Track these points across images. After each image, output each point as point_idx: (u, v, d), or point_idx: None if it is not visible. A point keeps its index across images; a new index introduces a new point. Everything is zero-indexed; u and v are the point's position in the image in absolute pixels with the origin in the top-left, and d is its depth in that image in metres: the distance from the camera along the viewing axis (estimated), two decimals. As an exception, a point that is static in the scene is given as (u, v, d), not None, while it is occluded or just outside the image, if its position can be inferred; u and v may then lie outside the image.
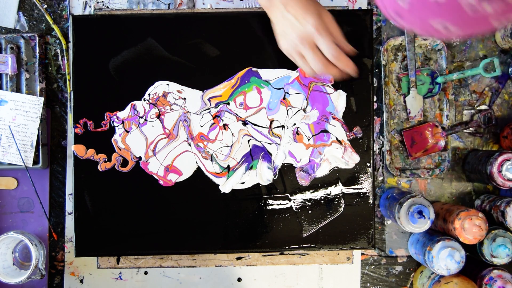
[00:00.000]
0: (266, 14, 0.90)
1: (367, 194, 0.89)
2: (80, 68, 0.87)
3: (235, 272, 0.94)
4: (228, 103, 0.88)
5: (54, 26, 0.93)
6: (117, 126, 0.87)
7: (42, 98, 0.90)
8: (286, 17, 0.68)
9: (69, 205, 0.93)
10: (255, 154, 0.88)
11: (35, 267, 0.86)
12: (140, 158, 0.88)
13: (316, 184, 0.88)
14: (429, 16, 0.40)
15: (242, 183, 0.88)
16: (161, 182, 0.87)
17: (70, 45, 0.89)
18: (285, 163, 0.88)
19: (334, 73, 0.74)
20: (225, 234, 0.88)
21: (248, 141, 0.88)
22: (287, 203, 0.88)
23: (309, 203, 0.88)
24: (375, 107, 0.93)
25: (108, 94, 0.88)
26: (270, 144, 0.88)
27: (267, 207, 0.88)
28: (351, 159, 0.89)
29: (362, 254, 0.95)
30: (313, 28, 0.69)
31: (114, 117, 0.87)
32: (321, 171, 0.88)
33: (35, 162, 0.90)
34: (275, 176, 0.88)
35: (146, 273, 0.93)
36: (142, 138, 0.88)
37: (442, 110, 0.94)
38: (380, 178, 0.95)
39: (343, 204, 0.89)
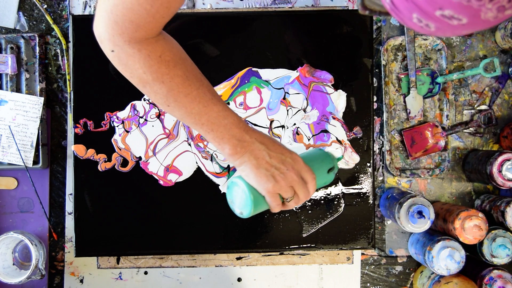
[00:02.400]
0: (266, 14, 0.90)
1: (367, 194, 0.89)
2: (80, 68, 0.87)
3: (235, 272, 0.94)
4: (228, 103, 0.88)
5: (54, 26, 0.93)
6: (117, 126, 0.87)
7: (42, 98, 0.90)
8: (271, 155, 0.63)
9: (69, 205, 0.93)
10: (255, 154, 0.88)
11: (35, 267, 0.86)
12: (140, 158, 0.88)
13: (316, 184, 0.88)
14: (458, 32, 0.42)
15: (242, 183, 0.88)
16: (161, 182, 0.87)
17: (70, 45, 0.89)
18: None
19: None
20: (225, 234, 0.88)
21: (248, 141, 0.88)
22: (287, 203, 0.88)
23: (309, 203, 0.88)
24: (375, 107, 0.93)
25: (108, 94, 0.88)
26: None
27: (267, 207, 0.88)
28: (351, 159, 0.89)
29: (362, 254, 0.95)
30: (301, 161, 0.66)
31: (114, 117, 0.87)
32: (321, 171, 0.88)
33: (35, 162, 0.90)
34: (275, 176, 0.88)
35: (146, 273, 0.93)
36: (142, 138, 0.88)
37: (442, 110, 0.94)
38: (380, 178, 0.95)
39: (343, 204, 0.89)
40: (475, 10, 0.38)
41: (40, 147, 0.90)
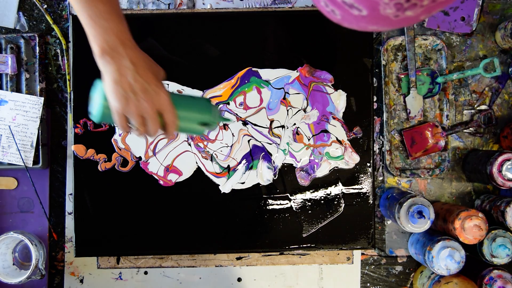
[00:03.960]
0: (266, 14, 0.90)
1: (367, 194, 0.89)
2: (80, 68, 0.87)
3: (235, 272, 0.94)
4: (228, 103, 0.88)
5: (54, 26, 0.93)
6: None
7: (42, 98, 0.90)
8: (136, 79, 0.62)
9: (69, 205, 0.93)
10: (255, 154, 0.88)
11: (35, 267, 0.86)
12: (140, 158, 0.88)
13: (316, 184, 0.88)
14: (362, 24, 0.43)
15: (242, 183, 0.88)
16: (161, 182, 0.87)
17: (70, 45, 0.89)
18: (285, 163, 0.88)
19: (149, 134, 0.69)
20: (225, 234, 0.88)
21: (248, 141, 0.88)
22: (287, 203, 0.88)
23: (309, 203, 0.89)
24: (375, 107, 0.93)
25: (108, 94, 0.87)
26: (270, 144, 0.88)
27: (267, 207, 0.88)
28: (351, 159, 0.89)
29: (362, 254, 0.95)
30: (166, 99, 0.65)
31: (114, 117, 0.87)
32: (321, 171, 0.88)
33: (35, 162, 0.90)
34: (275, 176, 0.88)
35: (146, 273, 0.93)
36: (142, 138, 0.88)
37: (442, 110, 0.94)
38: (380, 178, 0.95)
39: (343, 204, 0.89)
40: (374, 2, 0.38)
41: (40, 147, 0.90)
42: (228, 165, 0.88)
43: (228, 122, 0.78)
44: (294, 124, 0.88)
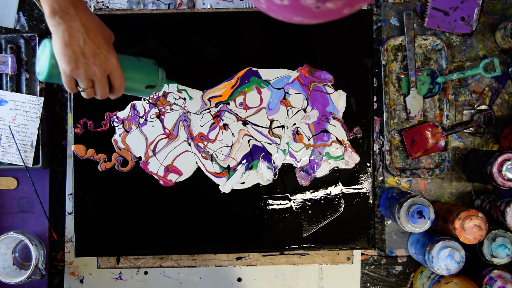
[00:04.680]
0: (266, 14, 0.89)
1: (367, 194, 0.89)
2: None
3: (235, 272, 0.94)
4: (228, 103, 0.88)
5: (54, 26, 0.93)
6: (117, 126, 0.87)
7: (42, 98, 0.90)
8: (86, 42, 0.63)
9: (69, 205, 0.93)
10: (255, 154, 0.88)
11: (35, 267, 0.86)
12: (140, 158, 0.88)
13: (316, 184, 0.88)
14: (287, 14, 0.43)
15: (242, 183, 0.88)
16: (161, 182, 0.87)
17: (70, 45, 0.88)
18: (285, 163, 0.88)
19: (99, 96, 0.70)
20: (225, 234, 0.88)
21: (248, 141, 0.88)
22: (287, 203, 0.88)
23: (309, 203, 0.89)
24: (375, 107, 0.93)
25: (108, 94, 0.87)
26: (270, 144, 0.88)
27: (267, 207, 0.88)
28: (351, 159, 0.89)
29: (362, 254, 0.95)
30: (115, 64, 0.67)
31: (114, 117, 0.87)
32: (321, 171, 0.88)
33: (35, 162, 0.90)
34: (275, 176, 0.88)
35: (146, 273, 0.93)
36: (142, 138, 0.88)
37: (442, 110, 0.94)
38: (380, 178, 0.95)
39: (343, 204, 0.89)
40: None
41: (40, 147, 0.90)
42: (228, 165, 0.88)
43: (173, 83, 0.82)
44: (294, 124, 0.88)
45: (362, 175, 0.89)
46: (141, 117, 0.88)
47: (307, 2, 0.39)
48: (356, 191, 0.89)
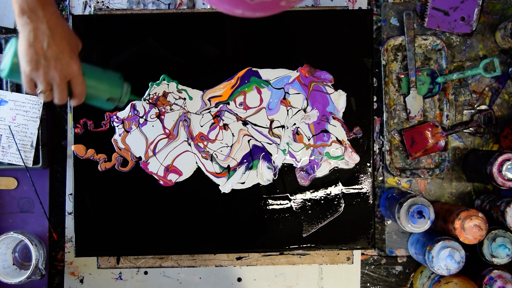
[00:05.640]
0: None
1: (367, 194, 0.89)
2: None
3: (235, 272, 0.94)
4: (228, 103, 0.88)
5: (54, 26, 0.93)
6: (117, 126, 0.87)
7: (42, 98, 0.90)
8: (50, 45, 0.63)
9: (69, 205, 0.93)
10: (255, 154, 0.88)
11: (35, 267, 0.86)
12: (140, 158, 0.88)
13: (316, 184, 0.88)
14: (227, 6, 0.43)
15: (242, 183, 0.88)
16: (161, 182, 0.87)
17: (70, 45, 0.88)
18: (285, 163, 0.88)
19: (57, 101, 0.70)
20: (225, 234, 0.88)
21: (248, 141, 0.88)
22: (287, 203, 0.88)
23: (309, 203, 0.88)
24: (375, 107, 0.93)
25: (108, 94, 0.87)
26: (270, 144, 0.88)
27: (267, 207, 0.88)
28: (351, 159, 0.89)
29: (362, 254, 0.95)
30: (77, 70, 0.67)
31: (114, 117, 0.87)
32: (321, 171, 0.88)
33: (35, 162, 0.90)
34: (275, 176, 0.88)
35: (146, 273, 0.93)
36: (142, 138, 0.88)
37: (442, 110, 0.94)
38: (380, 178, 0.95)
39: (343, 204, 0.89)
40: None
41: (40, 147, 0.90)
42: (228, 165, 0.88)
43: (137, 99, 0.83)
44: (294, 124, 0.88)
45: (362, 175, 0.89)
46: (141, 117, 0.88)
47: None
48: (356, 191, 0.89)
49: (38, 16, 0.62)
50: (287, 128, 0.88)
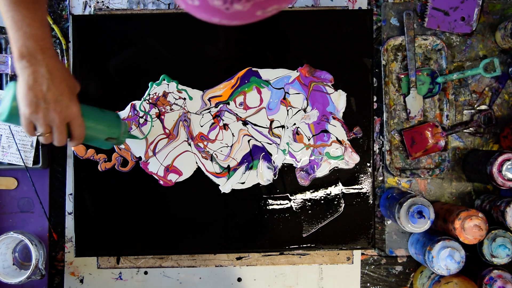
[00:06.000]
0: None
1: (367, 194, 0.89)
2: (80, 68, 0.87)
3: (235, 272, 0.94)
4: (228, 103, 0.88)
5: (54, 26, 0.93)
6: (117, 126, 0.87)
7: (42, 98, 0.90)
8: (50, 88, 0.64)
9: (69, 205, 0.93)
10: (255, 154, 0.88)
11: (35, 267, 0.86)
12: (140, 158, 0.88)
13: (316, 184, 0.89)
14: (203, 15, 0.43)
15: (242, 183, 0.88)
16: (161, 182, 0.87)
17: (70, 45, 0.89)
18: (285, 163, 0.88)
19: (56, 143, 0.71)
20: (225, 234, 0.88)
21: (248, 141, 0.88)
22: (287, 203, 0.88)
23: (309, 203, 0.89)
24: (375, 107, 0.93)
25: (108, 94, 0.88)
26: (270, 144, 0.88)
27: (267, 207, 0.88)
28: (351, 159, 0.89)
29: (362, 254, 0.95)
30: (76, 113, 0.68)
31: (114, 117, 0.87)
32: (321, 171, 0.88)
33: (35, 162, 0.90)
34: (275, 176, 0.88)
35: (146, 273, 0.93)
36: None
37: (442, 110, 0.94)
38: (380, 178, 0.95)
39: (343, 204, 0.89)
40: None
41: (40, 147, 0.90)
42: (228, 165, 0.88)
43: (136, 139, 0.83)
44: (294, 124, 0.88)
45: (362, 175, 0.89)
46: (141, 117, 0.88)
47: (215, 3, 0.40)
48: (356, 191, 0.89)
49: (38, 60, 0.63)
50: (287, 128, 0.88)
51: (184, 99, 0.88)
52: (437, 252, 0.83)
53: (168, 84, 0.87)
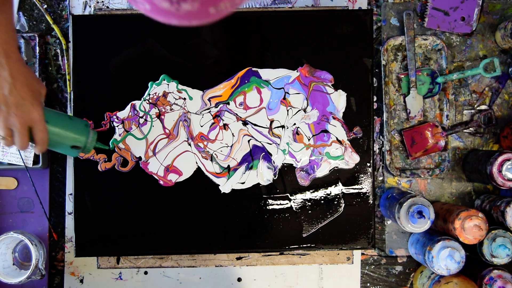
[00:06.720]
0: (266, 14, 0.90)
1: (367, 194, 0.89)
2: (80, 68, 0.87)
3: (235, 272, 0.94)
4: (228, 103, 0.88)
5: (54, 26, 0.93)
6: (117, 126, 0.87)
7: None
8: (12, 92, 0.65)
9: (69, 205, 0.93)
10: (255, 154, 0.88)
11: (35, 267, 0.86)
12: (140, 158, 0.88)
13: (316, 184, 0.89)
14: (160, 18, 0.43)
15: (242, 183, 0.88)
16: (161, 182, 0.87)
17: (70, 45, 0.89)
18: (285, 163, 0.88)
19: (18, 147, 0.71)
20: (225, 234, 0.88)
21: (248, 141, 0.88)
22: (287, 203, 0.88)
23: (309, 203, 0.89)
24: (375, 107, 0.93)
25: (108, 94, 0.88)
26: (270, 144, 0.88)
27: (267, 207, 0.88)
28: (351, 159, 0.89)
29: (362, 254, 0.95)
30: (38, 117, 0.68)
31: (114, 117, 0.87)
32: (321, 171, 0.88)
33: (35, 162, 0.90)
34: (275, 176, 0.88)
35: (146, 273, 0.93)
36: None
37: (442, 110, 0.94)
38: (380, 178, 0.95)
39: (343, 204, 0.89)
40: None
41: (40, 147, 0.90)
42: (228, 165, 0.88)
43: (105, 148, 0.83)
44: (294, 124, 0.88)
45: (362, 175, 0.89)
46: (141, 117, 0.88)
47: (163, 5, 0.39)
48: (356, 191, 0.89)
49: (1, 64, 0.64)
50: (287, 128, 0.88)
51: (184, 99, 0.88)
52: (437, 252, 0.83)
53: (168, 84, 0.87)
